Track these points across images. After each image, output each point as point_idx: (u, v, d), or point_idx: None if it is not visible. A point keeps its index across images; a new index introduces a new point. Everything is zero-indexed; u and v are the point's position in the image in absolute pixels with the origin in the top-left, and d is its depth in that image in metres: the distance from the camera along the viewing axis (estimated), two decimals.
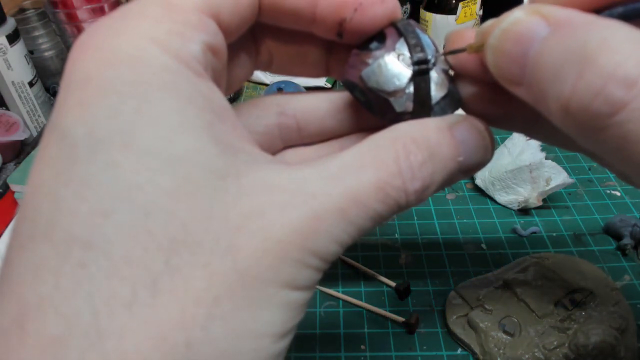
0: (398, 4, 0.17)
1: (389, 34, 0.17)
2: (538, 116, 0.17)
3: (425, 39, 0.17)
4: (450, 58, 0.17)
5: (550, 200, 0.43)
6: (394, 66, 0.16)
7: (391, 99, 0.16)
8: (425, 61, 0.16)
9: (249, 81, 0.64)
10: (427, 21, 0.53)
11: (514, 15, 0.14)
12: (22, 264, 0.12)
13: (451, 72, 0.17)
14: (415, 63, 0.16)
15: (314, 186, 0.14)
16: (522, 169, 0.41)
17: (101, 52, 0.13)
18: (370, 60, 0.17)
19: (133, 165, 0.12)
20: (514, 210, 0.43)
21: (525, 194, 0.42)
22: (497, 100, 0.18)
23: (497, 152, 0.44)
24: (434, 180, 0.15)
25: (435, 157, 0.15)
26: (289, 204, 0.13)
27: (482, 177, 0.44)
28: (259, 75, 0.62)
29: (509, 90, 0.15)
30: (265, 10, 0.17)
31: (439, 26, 0.52)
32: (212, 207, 0.12)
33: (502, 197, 0.43)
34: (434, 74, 0.16)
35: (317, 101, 0.20)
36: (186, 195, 0.12)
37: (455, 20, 0.51)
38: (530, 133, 0.20)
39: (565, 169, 0.42)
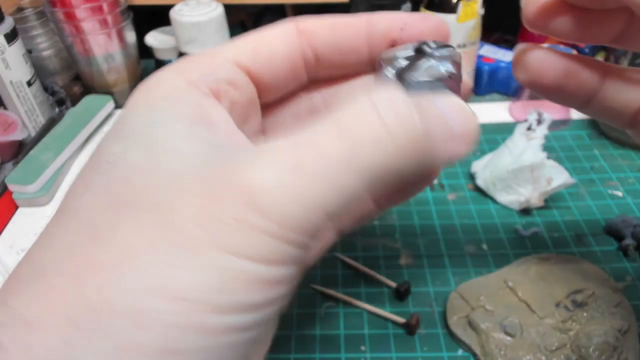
0: (442, 21, 0.20)
1: None
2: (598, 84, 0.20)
3: (451, 48, 0.18)
4: None
5: (552, 201, 0.43)
6: (407, 49, 0.18)
7: (385, 65, 0.18)
8: (427, 44, 0.18)
9: None
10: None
11: None
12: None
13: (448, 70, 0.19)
14: (419, 43, 0.18)
15: (269, 147, 0.13)
16: (524, 169, 0.41)
17: (144, 83, 0.17)
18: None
19: (118, 149, 0.15)
20: (515, 210, 0.43)
21: (526, 194, 0.42)
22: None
23: (498, 152, 0.44)
24: (426, 129, 0.14)
25: (419, 108, 0.14)
26: (238, 164, 0.13)
27: (483, 177, 0.44)
28: None
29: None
30: (326, 60, 0.19)
31: None
32: (166, 175, 0.14)
33: (503, 198, 0.43)
34: (430, 61, 0.18)
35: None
36: (148, 168, 0.14)
37: (456, 19, 0.51)
38: (586, 106, 0.22)
39: (567, 169, 0.41)
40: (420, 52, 0.18)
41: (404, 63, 0.18)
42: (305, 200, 0.12)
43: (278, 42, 0.18)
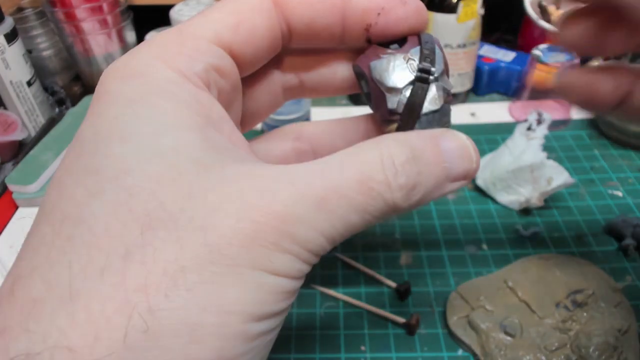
0: (422, 6, 0.18)
1: (410, 41, 0.18)
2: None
3: (439, 55, 0.18)
4: None
5: (552, 201, 0.43)
6: (400, 67, 0.17)
7: (387, 94, 0.18)
8: (428, 71, 0.17)
9: None
10: (428, 20, 0.53)
11: None
12: (27, 244, 0.14)
13: (449, 90, 0.18)
14: (419, 70, 0.17)
15: (295, 176, 0.15)
16: (524, 169, 0.41)
17: (119, 70, 0.15)
18: (382, 55, 0.18)
19: (126, 154, 0.14)
20: (515, 210, 0.43)
21: (526, 194, 0.42)
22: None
23: (498, 152, 0.44)
24: (420, 180, 0.16)
25: (418, 159, 0.16)
26: (267, 189, 0.14)
27: (483, 178, 0.44)
28: None
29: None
30: (297, 34, 0.18)
31: (439, 25, 0.52)
32: (191, 190, 0.14)
33: (503, 198, 0.43)
34: (432, 88, 0.18)
35: (329, 125, 0.22)
36: (168, 180, 0.14)
37: (457, 19, 0.51)
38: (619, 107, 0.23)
39: (567, 169, 0.41)
40: (421, 81, 0.17)
41: (407, 93, 0.17)
42: (324, 230, 0.14)
43: (259, 15, 0.17)
